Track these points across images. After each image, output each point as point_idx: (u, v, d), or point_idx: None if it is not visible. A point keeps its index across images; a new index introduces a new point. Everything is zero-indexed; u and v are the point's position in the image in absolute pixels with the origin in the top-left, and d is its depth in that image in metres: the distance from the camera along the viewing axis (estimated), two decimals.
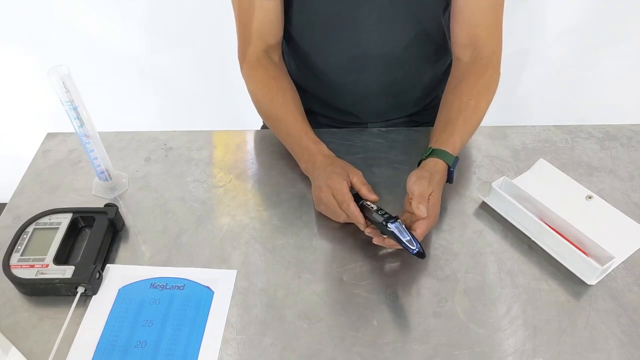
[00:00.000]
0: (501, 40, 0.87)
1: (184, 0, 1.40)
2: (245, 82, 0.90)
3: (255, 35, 0.86)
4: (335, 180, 0.75)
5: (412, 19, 0.85)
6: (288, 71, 0.95)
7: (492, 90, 0.86)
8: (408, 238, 0.68)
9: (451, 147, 0.78)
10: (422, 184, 0.72)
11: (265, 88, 0.87)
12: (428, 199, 0.72)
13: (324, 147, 0.82)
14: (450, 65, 1.00)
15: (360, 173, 0.78)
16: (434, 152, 0.78)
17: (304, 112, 0.87)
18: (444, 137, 0.79)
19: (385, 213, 0.72)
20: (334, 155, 0.81)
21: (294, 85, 0.90)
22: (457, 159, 0.78)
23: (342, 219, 0.76)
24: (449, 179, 0.78)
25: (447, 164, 0.77)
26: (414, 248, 0.68)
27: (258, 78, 0.88)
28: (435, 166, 0.76)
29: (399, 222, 0.70)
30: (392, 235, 0.69)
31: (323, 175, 0.76)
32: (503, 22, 0.86)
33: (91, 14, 1.41)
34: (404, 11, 0.84)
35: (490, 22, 0.85)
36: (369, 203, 0.75)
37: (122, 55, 1.51)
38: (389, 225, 0.70)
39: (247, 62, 0.88)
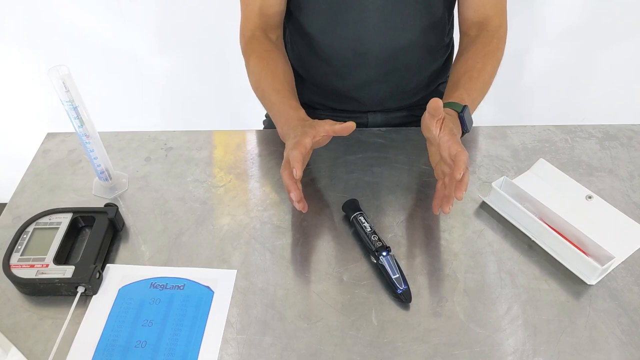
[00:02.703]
0: (506, 15, 0.90)
1: (184, 1, 1.40)
2: (244, 59, 0.92)
3: (255, 13, 0.90)
4: (301, 137, 0.73)
5: (418, 5, 0.87)
6: (293, 58, 0.97)
7: (498, 56, 0.88)
8: (397, 276, 0.68)
9: (457, 99, 0.78)
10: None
11: (257, 59, 0.89)
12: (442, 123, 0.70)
13: (301, 112, 0.81)
14: (451, 55, 1.02)
15: (330, 120, 0.76)
16: None
17: (293, 85, 0.89)
18: (449, 94, 0.81)
19: (379, 240, 0.71)
20: (309, 118, 0.80)
21: (288, 61, 0.92)
22: (466, 107, 0.77)
23: (286, 173, 0.71)
24: (463, 127, 0.76)
25: (455, 111, 0.76)
26: (401, 288, 0.67)
27: (251, 51, 0.90)
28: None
29: (391, 256, 0.69)
30: (382, 268, 0.69)
31: (293, 134, 0.75)
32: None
33: (91, 14, 1.41)
34: None
35: (497, 0, 0.89)
36: (363, 221, 0.74)
37: (122, 56, 1.51)
38: (380, 258, 0.69)
39: (244, 38, 0.92)
